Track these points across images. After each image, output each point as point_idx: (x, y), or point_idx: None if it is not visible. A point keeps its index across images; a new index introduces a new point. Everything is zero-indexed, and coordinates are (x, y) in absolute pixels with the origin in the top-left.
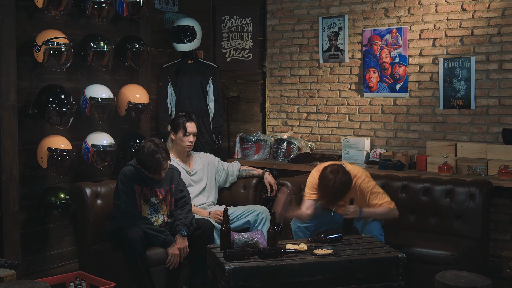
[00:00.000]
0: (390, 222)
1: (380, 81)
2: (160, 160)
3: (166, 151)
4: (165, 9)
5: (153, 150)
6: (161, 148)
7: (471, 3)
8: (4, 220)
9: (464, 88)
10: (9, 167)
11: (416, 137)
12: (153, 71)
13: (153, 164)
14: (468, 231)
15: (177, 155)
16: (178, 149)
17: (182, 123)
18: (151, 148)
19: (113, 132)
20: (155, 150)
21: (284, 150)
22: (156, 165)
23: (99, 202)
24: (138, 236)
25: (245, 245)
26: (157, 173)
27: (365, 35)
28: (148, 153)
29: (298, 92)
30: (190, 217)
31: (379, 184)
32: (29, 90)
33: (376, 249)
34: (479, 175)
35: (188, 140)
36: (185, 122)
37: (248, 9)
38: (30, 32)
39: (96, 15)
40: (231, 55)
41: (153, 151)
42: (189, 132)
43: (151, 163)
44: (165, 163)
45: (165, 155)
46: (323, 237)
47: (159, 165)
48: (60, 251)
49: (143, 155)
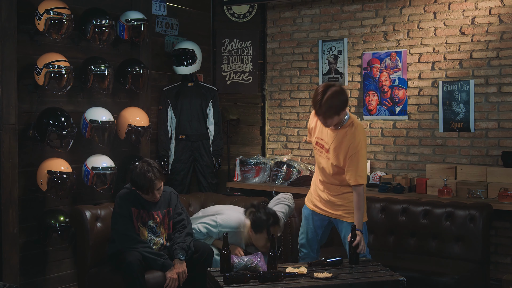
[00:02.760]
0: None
1: (379, 104)
2: (153, 179)
3: (160, 171)
4: (166, 32)
5: (146, 170)
6: (154, 168)
7: (470, 26)
8: (3, 242)
9: (464, 111)
10: (9, 190)
11: (416, 160)
12: (153, 94)
13: (145, 183)
14: (469, 254)
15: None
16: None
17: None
18: (144, 168)
19: (113, 155)
20: (148, 169)
21: (284, 173)
22: (148, 184)
23: (98, 225)
24: (136, 259)
25: (245, 268)
26: (150, 192)
27: (365, 58)
28: (140, 172)
29: (298, 115)
30: (188, 240)
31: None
32: (29, 112)
33: (376, 273)
34: (479, 198)
35: (266, 246)
36: (271, 226)
37: (248, 33)
38: (31, 55)
39: (97, 39)
40: (231, 78)
41: (146, 170)
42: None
43: (143, 182)
44: (158, 182)
45: (158, 175)
46: (323, 260)
47: (151, 184)
48: (60, 274)
49: (135, 175)
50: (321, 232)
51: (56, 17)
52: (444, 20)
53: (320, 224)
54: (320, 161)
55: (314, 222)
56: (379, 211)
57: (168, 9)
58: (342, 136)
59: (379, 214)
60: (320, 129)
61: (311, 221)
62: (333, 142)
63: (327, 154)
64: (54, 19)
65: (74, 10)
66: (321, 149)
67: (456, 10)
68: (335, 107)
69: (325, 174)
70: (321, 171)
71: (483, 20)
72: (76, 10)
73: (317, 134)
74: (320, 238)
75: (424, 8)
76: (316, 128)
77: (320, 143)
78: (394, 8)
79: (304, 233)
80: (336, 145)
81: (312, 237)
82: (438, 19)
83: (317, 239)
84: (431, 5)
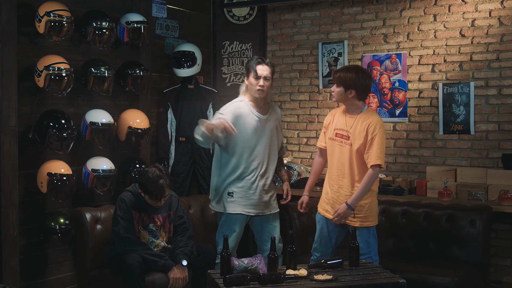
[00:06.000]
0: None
1: (379, 106)
2: (164, 186)
3: (170, 178)
4: (166, 34)
5: (158, 175)
6: (165, 174)
7: (470, 29)
8: (3, 245)
9: (464, 113)
10: (9, 192)
11: (416, 162)
12: (153, 96)
13: (155, 189)
14: (469, 256)
15: (252, 101)
16: (252, 94)
17: (252, 65)
18: (156, 173)
19: (113, 157)
20: (160, 175)
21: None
22: (159, 190)
23: (98, 227)
24: (136, 262)
25: (245, 270)
26: (158, 198)
27: (365, 60)
28: (152, 177)
29: (298, 117)
30: (191, 244)
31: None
32: (29, 115)
33: (376, 275)
34: (479, 200)
35: (258, 84)
36: (255, 64)
37: (248, 35)
38: (31, 58)
39: (97, 41)
40: (231, 80)
41: (158, 176)
42: (259, 75)
43: (154, 187)
44: (167, 190)
45: (169, 182)
46: (323, 262)
47: (162, 190)
48: (59, 276)
49: (147, 180)
50: (335, 236)
51: (56, 20)
52: (444, 22)
53: (333, 228)
54: (341, 155)
55: (328, 227)
56: (379, 213)
57: (168, 11)
58: (361, 120)
59: (379, 216)
60: (337, 121)
61: (325, 226)
62: (352, 127)
63: (348, 141)
64: (54, 22)
65: (74, 13)
66: (341, 138)
67: (456, 12)
68: (348, 77)
69: (343, 170)
70: (340, 167)
71: (483, 22)
72: (76, 13)
73: (335, 126)
74: (335, 242)
75: (424, 11)
76: (333, 121)
77: (340, 133)
78: (394, 10)
79: (318, 237)
80: (355, 129)
81: (326, 241)
82: (438, 21)
83: (331, 243)
84: (431, 8)
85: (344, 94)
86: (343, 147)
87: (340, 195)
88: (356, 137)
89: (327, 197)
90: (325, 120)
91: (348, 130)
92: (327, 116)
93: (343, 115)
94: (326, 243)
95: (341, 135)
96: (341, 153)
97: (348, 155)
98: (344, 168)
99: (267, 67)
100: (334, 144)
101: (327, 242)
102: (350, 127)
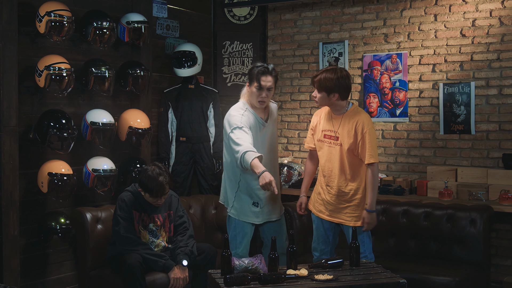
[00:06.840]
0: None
1: (380, 106)
2: (163, 184)
3: (170, 176)
4: (166, 34)
5: (157, 173)
6: (164, 172)
7: (470, 29)
8: (3, 245)
9: (464, 113)
10: (9, 192)
11: (417, 162)
12: (154, 96)
13: (155, 187)
14: (469, 256)
15: (253, 106)
16: (252, 103)
17: (256, 75)
18: (156, 171)
19: (113, 157)
20: (159, 172)
21: (285, 175)
22: (159, 188)
23: (99, 227)
24: (137, 261)
25: (246, 270)
26: (158, 196)
27: (365, 60)
28: (152, 175)
29: (299, 117)
30: (191, 244)
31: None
32: (30, 115)
33: (377, 275)
34: (480, 200)
35: (261, 96)
36: (260, 74)
37: (248, 35)
38: (32, 58)
39: (98, 41)
40: (231, 80)
41: (157, 173)
42: (263, 87)
43: (154, 185)
44: (167, 187)
45: (169, 180)
46: (323, 262)
47: (162, 188)
48: (60, 276)
49: (147, 178)
50: (331, 234)
51: (57, 19)
52: (444, 22)
53: (328, 226)
54: (331, 156)
55: (324, 225)
56: (379, 213)
57: (168, 11)
58: (347, 119)
59: (379, 216)
60: (324, 121)
61: (320, 225)
62: (340, 127)
63: (337, 142)
64: (55, 21)
65: (74, 12)
66: (330, 139)
67: (457, 12)
68: (328, 82)
69: (334, 171)
70: (331, 167)
71: (483, 22)
72: (76, 12)
73: (323, 127)
74: (332, 240)
75: (425, 10)
76: (320, 122)
77: (328, 134)
78: (394, 10)
79: (315, 236)
80: (343, 128)
81: (324, 240)
82: (438, 21)
83: (329, 241)
84: (432, 7)
85: (328, 99)
86: (332, 148)
87: (332, 195)
88: (345, 137)
89: (320, 197)
90: (312, 121)
91: (336, 131)
92: (313, 117)
93: (329, 115)
94: (324, 241)
95: (330, 136)
96: (331, 154)
97: (338, 155)
98: (335, 169)
99: (270, 77)
100: (323, 146)
101: (325, 240)
102: (338, 127)
